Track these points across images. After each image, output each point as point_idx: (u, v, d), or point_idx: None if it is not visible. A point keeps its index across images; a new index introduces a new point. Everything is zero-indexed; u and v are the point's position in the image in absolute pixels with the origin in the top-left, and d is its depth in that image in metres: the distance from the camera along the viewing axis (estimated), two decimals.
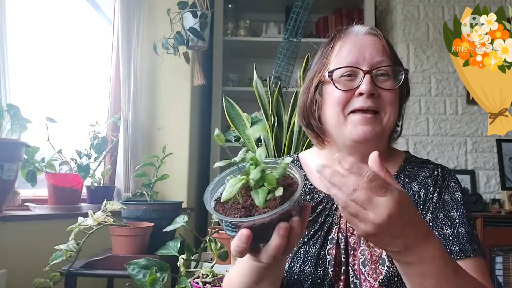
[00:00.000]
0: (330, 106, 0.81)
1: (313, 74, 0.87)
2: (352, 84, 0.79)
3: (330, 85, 0.82)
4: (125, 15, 2.09)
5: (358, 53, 0.80)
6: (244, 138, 1.33)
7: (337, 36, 0.86)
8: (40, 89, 1.85)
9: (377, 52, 0.81)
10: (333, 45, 0.85)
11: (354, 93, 0.79)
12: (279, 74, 2.18)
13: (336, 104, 0.80)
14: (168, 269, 1.25)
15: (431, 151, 2.69)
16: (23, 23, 1.76)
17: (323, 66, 0.85)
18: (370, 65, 0.79)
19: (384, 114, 0.79)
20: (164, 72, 2.24)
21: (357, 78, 0.79)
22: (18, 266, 1.36)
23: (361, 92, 0.78)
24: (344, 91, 0.79)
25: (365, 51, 0.81)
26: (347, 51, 0.82)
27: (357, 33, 0.84)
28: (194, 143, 2.41)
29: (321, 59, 0.87)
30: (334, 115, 0.81)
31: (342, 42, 0.83)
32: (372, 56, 0.80)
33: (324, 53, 0.86)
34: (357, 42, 0.82)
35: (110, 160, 2.13)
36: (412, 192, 0.82)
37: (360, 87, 0.78)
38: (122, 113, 2.06)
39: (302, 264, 0.77)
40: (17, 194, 1.61)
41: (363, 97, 0.78)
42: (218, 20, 2.72)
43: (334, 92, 0.81)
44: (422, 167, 0.86)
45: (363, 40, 0.82)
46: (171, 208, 1.67)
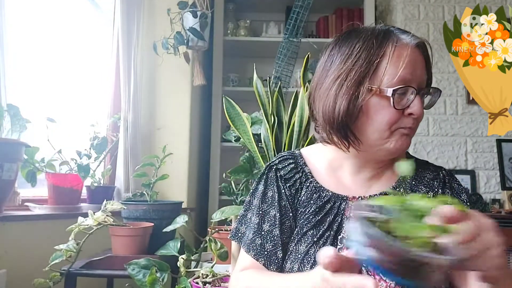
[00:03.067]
0: (375, 121, 0.76)
1: (359, 79, 0.76)
2: (402, 102, 0.75)
3: (382, 100, 0.75)
4: (125, 15, 2.09)
5: (412, 70, 0.75)
6: (244, 138, 1.33)
7: (389, 40, 0.77)
8: (40, 89, 1.85)
9: (423, 69, 0.78)
10: (384, 50, 0.76)
11: (403, 112, 0.76)
12: (279, 74, 2.18)
13: (386, 122, 0.76)
14: (168, 269, 1.25)
15: (431, 151, 2.69)
16: (23, 23, 1.76)
17: (372, 73, 0.75)
18: (419, 84, 0.76)
19: (416, 129, 0.80)
20: (164, 72, 2.24)
21: (407, 95, 0.76)
22: (18, 266, 1.36)
23: (412, 113, 0.75)
24: (398, 110, 0.75)
25: (417, 67, 0.76)
26: (402, 63, 0.75)
27: (408, 43, 0.77)
28: (194, 143, 2.41)
29: (367, 61, 0.76)
30: (379, 132, 0.77)
31: (398, 52, 0.75)
32: (421, 74, 0.77)
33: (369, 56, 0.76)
34: (411, 56, 0.76)
35: (110, 160, 2.13)
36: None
37: (412, 108, 0.75)
38: (122, 113, 2.06)
39: (313, 265, 0.75)
40: (17, 194, 1.61)
41: (412, 117, 0.76)
42: (218, 20, 2.72)
43: (386, 108, 0.75)
44: (424, 168, 0.86)
45: (415, 53, 0.77)
46: (171, 208, 1.67)
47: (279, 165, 0.87)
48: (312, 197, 0.83)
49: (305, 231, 0.80)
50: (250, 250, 0.82)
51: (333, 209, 0.81)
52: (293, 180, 0.85)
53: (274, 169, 0.87)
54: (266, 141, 1.28)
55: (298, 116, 1.23)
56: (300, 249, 0.79)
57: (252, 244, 0.82)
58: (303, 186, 0.85)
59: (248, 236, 0.84)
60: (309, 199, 0.83)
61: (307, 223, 0.80)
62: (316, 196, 0.83)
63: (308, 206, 0.82)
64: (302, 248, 0.79)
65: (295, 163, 0.88)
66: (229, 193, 1.58)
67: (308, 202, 0.83)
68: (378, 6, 2.94)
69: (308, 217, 0.81)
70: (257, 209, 0.85)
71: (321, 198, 0.82)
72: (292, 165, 0.87)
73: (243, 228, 0.87)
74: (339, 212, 0.81)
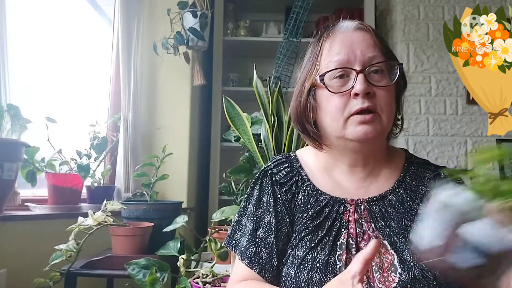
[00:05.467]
0: (327, 112, 0.78)
1: (304, 77, 0.83)
2: (346, 86, 0.76)
3: (324, 89, 0.78)
4: (125, 15, 2.09)
5: (349, 51, 0.76)
6: (244, 138, 1.33)
7: (324, 34, 0.81)
8: (40, 89, 1.85)
9: (368, 48, 0.77)
10: (321, 44, 0.80)
11: (350, 95, 0.75)
12: (279, 74, 2.18)
13: (334, 109, 0.76)
14: (168, 269, 1.25)
15: (431, 151, 2.69)
16: (23, 23, 1.76)
17: (314, 68, 0.80)
18: (362, 63, 0.76)
19: (382, 113, 0.76)
20: (164, 72, 2.24)
21: (350, 78, 0.76)
22: (18, 266, 1.36)
23: (356, 92, 0.74)
24: (339, 94, 0.76)
25: (356, 48, 0.76)
26: (336, 50, 0.77)
27: (345, 29, 0.79)
28: (194, 143, 2.41)
29: (311, 60, 0.82)
30: (333, 121, 0.77)
31: (331, 41, 0.79)
32: (363, 53, 0.76)
33: (313, 54, 0.82)
34: (346, 40, 0.78)
35: (110, 160, 2.13)
36: (421, 196, 0.79)
37: (355, 88, 0.74)
38: (122, 113, 2.06)
39: (310, 271, 0.73)
40: (17, 194, 1.61)
41: (359, 97, 0.74)
42: (218, 20, 2.72)
43: (329, 96, 0.77)
44: (424, 168, 0.84)
45: (353, 36, 0.78)
46: (171, 208, 1.67)
47: (274, 170, 0.86)
48: (310, 201, 0.81)
49: (302, 236, 0.78)
50: (245, 258, 0.80)
51: (332, 213, 0.79)
52: (289, 184, 0.83)
53: (269, 173, 0.85)
54: (266, 141, 1.28)
55: None
56: (298, 255, 0.77)
57: (246, 251, 0.81)
58: (300, 190, 0.83)
59: (243, 243, 0.82)
60: (306, 204, 0.81)
61: (305, 228, 0.78)
62: (314, 200, 0.81)
63: (305, 211, 0.80)
64: (299, 253, 0.77)
65: (291, 167, 0.86)
66: (229, 193, 1.58)
67: (306, 206, 0.81)
68: (378, 6, 2.94)
69: (306, 222, 0.79)
70: (252, 215, 0.83)
71: (319, 202, 0.80)
72: (288, 169, 0.85)
73: (238, 235, 0.85)
74: (337, 216, 0.79)
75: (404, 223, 0.76)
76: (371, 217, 0.78)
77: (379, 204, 0.79)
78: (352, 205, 0.80)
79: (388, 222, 0.77)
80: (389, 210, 0.78)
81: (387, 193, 0.81)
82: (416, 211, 0.78)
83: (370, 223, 0.77)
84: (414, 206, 0.79)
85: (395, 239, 0.74)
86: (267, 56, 2.68)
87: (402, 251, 0.73)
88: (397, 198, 0.80)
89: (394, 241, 0.74)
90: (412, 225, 0.76)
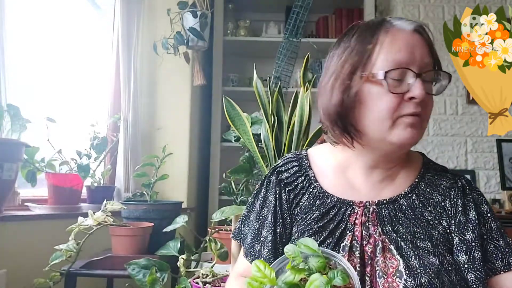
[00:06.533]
0: (374, 111, 0.72)
1: (351, 67, 0.74)
2: (402, 87, 0.71)
3: (376, 86, 0.72)
4: (125, 15, 2.09)
5: (410, 52, 0.72)
6: (244, 138, 1.33)
7: (382, 27, 0.75)
8: (40, 89, 1.85)
9: (426, 53, 0.74)
10: (377, 37, 0.74)
11: (403, 97, 0.71)
12: (279, 74, 2.17)
13: (385, 109, 0.71)
14: (168, 269, 1.25)
15: (431, 151, 2.69)
16: (23, 23, 1.75)
17: (366, 60, 0.73)
18: (420, 67, 0.72)
19: (425, 120, 0.74)
20: (164, 72, 2.24)
21: (405, 80, 0.72)
22: (18, 266, 1.36)
23: (413, 96, 0.71)
24: (395, 94, 0.71)
25: (415, 51, 0.72)
26: (397, 48, 0.72)
27: (404, 28, 0.74)
28: (194, 143, 2.41)
29: (360, 50, 0.74)
30: (379, 120, 0.72)
31: (392, 37, 0.73)
32: (422, 57, 0.73)
33: (361, 46, 0.74)
34: (407, 39, 0.73)
35: (110, 160, 2.13)
36: (434, 204, 0.78)
37: (413, 92, 0.70)
38: (122, 113, 2.07)
39: None
40: (17, 194, 1.61)
41: (414, 101, 0.71)
42: (218, 20, 2.72)
43: (381, 94, 0.72)
44: (441, 175, 0.82)
45: (413, 37, 0.73)
46: (171, 208, 1.67)
47: (282, 168, 0.85)
48: (315, 203, 0.80)
49: (305, 237, 0.76)
50: (249, 255, 0.82)
51: (338, 215, 0.78)
52: (294, 185, 0.83)
53: (276, 172, 0.85)
54: (266, 141, 1.28)
55: (298, 116, 1.23)
56: None
57: (250, 249, 0.82)
58: (306, 191, 0.82)
59: (248, 240, 0.84)
60: (312, 205, 0.80)
61: (308, 229, 0.78)
62: (320, 203, 0.79)
63: (309, 213, 0.79)
64: None
65: (299, 166, 0.84)
66: (229, 193, 1.58)
67: (311, 208, 0.80)
68: (378, 6, 2.94)
69: (310, 223, 0.78)
70: (258, 213, 0.84)
71: (325, 205, 0.79)
72: (296, 168, 0.84)
73: (246, 229, 0.87)
74: (343, 218, 0.77)
75: (413, 229, 0.75)
76: (378, 220, 0.77)
77: (388, 207, 0.78)
78: (360, 207, 0.78)
79: (396, 226, 0.76)
80: (399, 214, 0.77)
81: (399, 197, 0.79)
82: (427, 218, 0.76)
83: (377, 227, 0.76)
84: (426, 214, 0.77)
85: (402, 244, 0.73)
86: (267, 56, 2.67)
87: (408, 257, 0.71)
88: (408, 203, 0.78)
89: (400, 246, 0.73)
90: (421, 231, 0.75)
